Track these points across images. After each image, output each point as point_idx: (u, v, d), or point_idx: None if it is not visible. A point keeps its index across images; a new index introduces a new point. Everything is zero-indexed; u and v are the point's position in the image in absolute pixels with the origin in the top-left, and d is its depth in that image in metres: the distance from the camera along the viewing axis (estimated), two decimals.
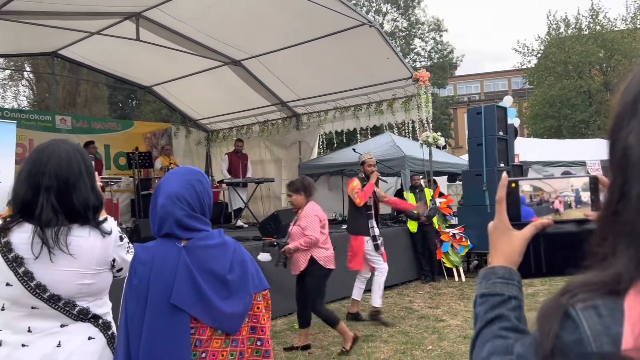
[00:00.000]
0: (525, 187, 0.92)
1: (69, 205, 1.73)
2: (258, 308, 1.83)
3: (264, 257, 4.96)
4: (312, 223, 4.93)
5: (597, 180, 0.85)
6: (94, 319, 1.79)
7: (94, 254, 1.76)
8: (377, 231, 6.19)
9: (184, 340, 1.67)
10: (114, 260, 1.83)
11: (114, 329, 1.85)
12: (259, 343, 1.83)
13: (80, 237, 1.74)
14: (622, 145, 0.62)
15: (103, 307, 1.84)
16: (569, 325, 0.60)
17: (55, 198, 1.71)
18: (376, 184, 6.30)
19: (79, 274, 1.73)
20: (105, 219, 1.84)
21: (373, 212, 6.20)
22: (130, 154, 9.08)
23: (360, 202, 6.06)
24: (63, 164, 1.74)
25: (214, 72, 10.23)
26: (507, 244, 0.87)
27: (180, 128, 12.52)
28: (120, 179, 9.33)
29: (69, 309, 1.73)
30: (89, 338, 1.77)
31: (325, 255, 5.01)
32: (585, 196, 0.88)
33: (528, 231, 0.87)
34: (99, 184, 2.10)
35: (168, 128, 12.41)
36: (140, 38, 8.14)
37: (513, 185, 0.90)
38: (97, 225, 1.79)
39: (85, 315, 1.77)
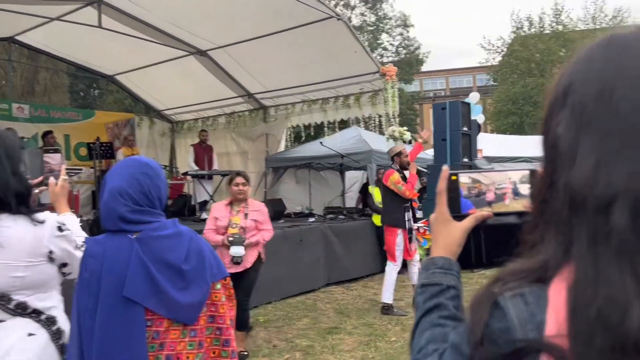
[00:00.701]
0: (463, 179, 0.93)
1: None
2: (217, 297, 1.80)
3: (238, 250, 4.61)
4: (268, 217, 4.78)
5: (535, 173, 0.88)
6: (35, 314, 1.72)
7: (24, 244, 1.68)
8: (413, 224, 6.21)
9: (138, 333, 1.63)
10: (51, 252, 1.75)
11: (60, 324, 1.78)
12: (218, 332, 1.80)
13: (8, 227, 1.66)
14: (552, 135, 0.64)
15: (46, 301, 1.76)
16: (497, 313, 0.62)
17: None
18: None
19: (9, 266, 1.65)
20: (44, 210, 1.78)
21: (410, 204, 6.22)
22: (92, 145, 8.84)
23: (410, 194, 6.08)
24: None
25: (179, 62, 10.04)
26: (447, 235, 0.89)
27: (144, 118, 12.25)
28: (80, 169, 9.09)
29: (4, 303, 1.66)
30: (29, 334, 1.69)
31: (261, 250, 4.80)
32: (524, 188, 0.89)
33: (468, 223, 0.88)
34: (63, 177, 2.05)
35: (131, 118, 12.13)
36: (102, 25, 7.92)
37: (454, 177, 0.92)
38: (28, 213, 1.71)
39: (23, 310, 1.69)
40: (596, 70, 0.62)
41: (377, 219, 8.57)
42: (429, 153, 12.42)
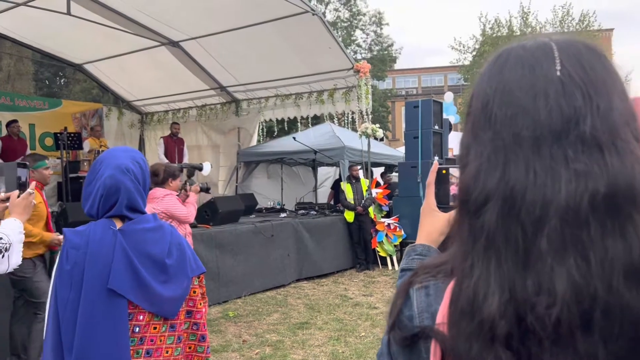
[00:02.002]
0: (455, 174, 0.98)
1: None
2: (194, 292, 1.81)
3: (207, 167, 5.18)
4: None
5: None
6: None
7: None
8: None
9: (121, 325, 1.63)
10: None
11: None
12: (195, 327, 1.82)
13: None
14: (464, 141, 0.69)
15: None
16: (407, 302, 0.70)
17: None
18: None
19: None
20: None
21: None
22: (59, 135, 8.60)
23: None
24: None
25: (150, 53, 9.85)
26: (430, 224, 0.96)
27: (113, 109, 11.99)
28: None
29: None
30: None
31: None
32: None
33: (452, 214, 0.92)
34: (29, 190, 2.07)
35: (99, 109, 11.83)
36: (71, 12, 7.69)
37: (444, 172, 0.97)
38: None
39: None
40: (483, 85, 0.68)
41: (349, 215, 8.61)
42: (400, 150, 12.55)
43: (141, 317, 1.68)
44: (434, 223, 0.95)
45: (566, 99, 0.61)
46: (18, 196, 2.06)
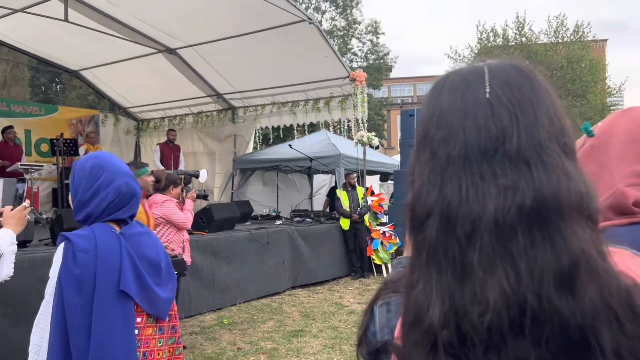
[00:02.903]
0: None
1: None
2: (173, 310, 1.87)
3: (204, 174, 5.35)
4: None
5: None
6: None
7: None
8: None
9: (131, 328, 1.65)
10: None
11: None
12: (173, 331, 1.84)
13: None
14: (411, 161, 0.73)
15: None
16: (372, 319, 0.74)
17: None
18: None
19: None
20: None
21: None
22: (55, 141, 8.60)
23: None
24: None
25: (147, 60, 9.88)
26: None
27: (109, 115, 12.00)
28: (41, 166, 8.81)
29: None
30: None
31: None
32: None
33: None
34: (25, 204, 2.10)
35: (95, 115, 11.85)
36: (68, 19, 7.71)
37: None
38: None
39: None
40: (424, 109, 0.73)
41: (345, 223, 8.63)
42: (395, 159, 12.59)
43: (139, 320, 1.70)
44: None
45: (494, 120, 0.65)
46: (12, 209, 2.08)
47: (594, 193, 0.65)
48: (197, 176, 5.93)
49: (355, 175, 9.07)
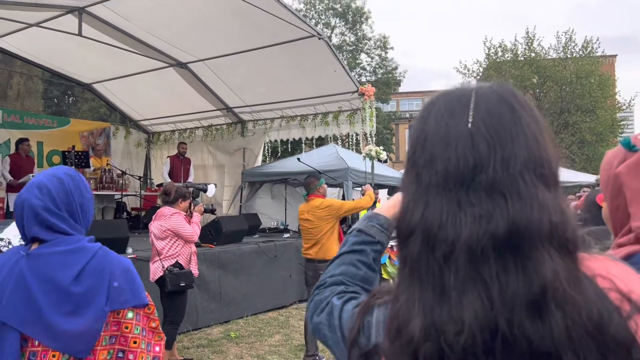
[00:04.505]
0: None
1: None
2: (127, 327, 1.51)
3: (212, 189, 5.58)
4: None
5: None
6: None
7: None
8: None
9: None
10: None
11: None
12: None
13: None
14: (402, 178, 0.78)
15: None
16: (364, 323, 0.77)
17: None
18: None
19: None
20: None
21: None
22: (67, 153, 8.71)
23: None
24: None
25: (158, 73, 10.00)
26: (398, 201, 1.05)
27: (120, 128, 12.13)
28: None
29: None
30: None
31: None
32: None
33: None
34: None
35: (107, 127, 11.99)
36: (82, 34, 7.85)
37: None
38: None
39: None
40: (413, 131, 0.77)
41: None
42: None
43: (44, 356, 1.44)
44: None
45: (473, 150, 0.69)
46: None
47: (569, 222, 0.67)
48: (205, 190, 5.99)
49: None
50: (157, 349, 1.57)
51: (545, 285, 0.62)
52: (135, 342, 1.50)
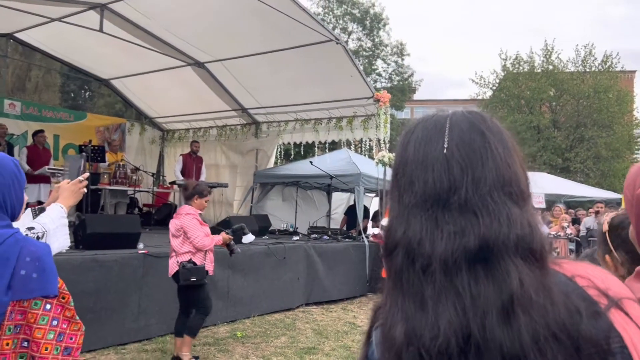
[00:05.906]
0: None
1: None
2: (33, 318, 1.48)
3: (250, 237, 5.45)
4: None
5: None
6: None
7: None
8: None
9: None
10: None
11: None
12: (22, 345, 1.52)
13: None
14: (388, 196, 0.85)
15: None
16: (370, 340, 0.83)
17: None
18: None
19: None
20: None
21: None
22: (83, 147, 8.81)
23: None
24: None
25: (176, 72, 10.09)
26: None
27: (135, 124, 12.25)
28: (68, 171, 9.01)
29: None
30: None
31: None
32: None
33: None
34: (80, 178, 2.13)
35: (123, 123, 12.11)
36: (103, 30, 7.95)
37: None
38: None
39: None
40: (395, 155, 0.86)
41: None
42: None
43: None
44: None
45: (447, 174, 0.77)
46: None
47: (536, 233, 0.74)
48: (245, 233, 5.94)
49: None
50: (72, 339, 1.53)
51: (512, 293, 0.68)
52: (39, 333, 1.47)
